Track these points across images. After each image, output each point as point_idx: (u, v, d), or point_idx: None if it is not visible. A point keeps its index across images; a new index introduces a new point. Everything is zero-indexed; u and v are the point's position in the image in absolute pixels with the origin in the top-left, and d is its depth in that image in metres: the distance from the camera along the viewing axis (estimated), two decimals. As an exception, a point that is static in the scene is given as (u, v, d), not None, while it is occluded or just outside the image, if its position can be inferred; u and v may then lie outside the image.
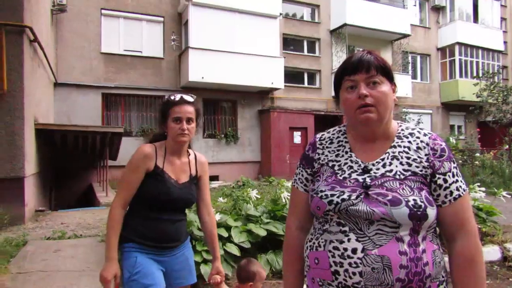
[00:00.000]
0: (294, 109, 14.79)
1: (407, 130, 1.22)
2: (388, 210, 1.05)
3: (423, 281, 1.05)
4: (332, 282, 1.10)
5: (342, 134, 1.28)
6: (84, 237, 5.32)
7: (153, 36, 13.08)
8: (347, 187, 1.13)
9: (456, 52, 19.13)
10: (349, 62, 1.18)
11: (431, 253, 1.09)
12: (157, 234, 1.81)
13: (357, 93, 1.14)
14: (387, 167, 1.14)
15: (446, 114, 19.82)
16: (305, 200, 1.27)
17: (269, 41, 13.74)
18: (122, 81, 12.36)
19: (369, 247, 1.05)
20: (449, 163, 1.15)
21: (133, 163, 1.81)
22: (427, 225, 1.08)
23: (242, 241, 3.68)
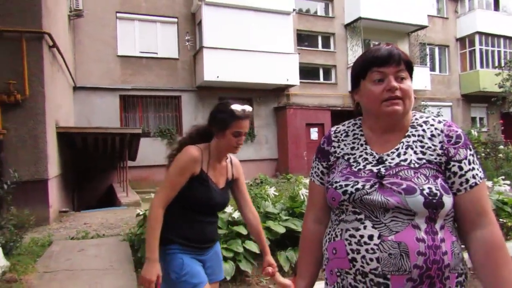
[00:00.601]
0: (310, 105, 14.71)
1: (421, 118, 1.21)
2: (403, 198, 1.04)
3: (442, 270, 1.04)
4: (349, 270, 1.10)
5: (357, 127, 1.29)
6: (107, 237, 5.43)
7: (168, 37, 13.21)
8: (362, 178, 1.13)
9: (476, 42, 18.63)
10: (379, 53, 1.16)
11: (450, 243, 1.07)
12: (199, 235, 1.86)
13: (386, 85, 1.13)
14: (401, 157, 1.14)
15: (467, 106, 19.35)
16: (321, 193, 1.28)
17: (283, 38, 13.69)
18: (139, 82, 12.54)
19: (386, 234, 1.05)
20: (465, 150, 1.12)
21: (181, 165, 1.79)
22: (443, 213, 1.07)
23: (261, 239, 3.68)
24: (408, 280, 1.02)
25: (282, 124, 14.19)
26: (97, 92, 11.94)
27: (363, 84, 1.20)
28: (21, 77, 6.00)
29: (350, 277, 1.10)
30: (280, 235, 3.78)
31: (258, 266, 3.71)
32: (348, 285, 1.11)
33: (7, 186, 3.28)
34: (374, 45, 1.23)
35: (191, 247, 1.83)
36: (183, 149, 1.85)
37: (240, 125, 1.84)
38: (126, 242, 4.99)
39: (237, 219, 3.80)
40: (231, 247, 3.49)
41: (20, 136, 6.09)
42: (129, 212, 7.26)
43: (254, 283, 3.51)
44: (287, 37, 13.87)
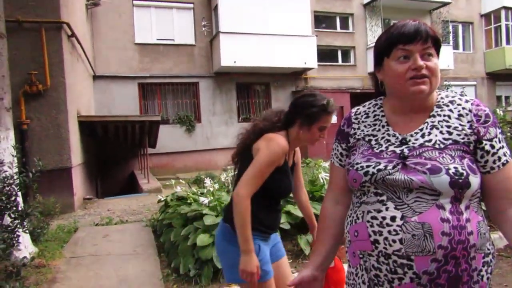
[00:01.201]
0: (328, 88, 14.49)
1: (447, 98, 1.17)
2: (428, 178, 1.01)
3: (468, 250, 1.01)
4: (372, 252, 1.08)
5: (378, 108, 1.25)
6: (130, 222, 5.56)
7: (184, 23, 13.17)
8: (384, 159, 1.10)
9: (502, 17, 17.82)
10: (405, 30, 1.10)
11: (476, 223, 1.04)
12: (275, 222, 1.94)
13: (412, 64, 1.08)
14: (426, 137, 1.10)
15: (492, 85, 18.67)
16: (340, 174, 1.27)
17: (300, 20, 13.43)
18: (157, 70, 12.60)
19: (408, 215, 1.03)
20: (495, 129, 1.11)
21: (273, 156, 1.74)
22: (469, 193, 1.04)
23: (282, 223, 3.68)
24: (432, 261, 1.00)
25: (301, 108, 14.05)
26: (116, 80, 12.08)
27: (387, 62, 1.14)
28: (42, 67, 6.11)
29: (373, 259, 1.08)
30: (300, 219, 3.77)
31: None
32: (371, 267, 1.09)
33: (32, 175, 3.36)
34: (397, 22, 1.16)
35: (267, 233, 1.88)
36: (269, 137, 1.80)
37: (327, 120, 1.86)
38: (149, 228, 5.09)
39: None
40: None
41: (43, 125, 6.23)
42: (150, 199, 7.40)
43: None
44: (304, 19, 13.61)
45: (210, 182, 4.49)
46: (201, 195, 4.38)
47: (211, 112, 13.32)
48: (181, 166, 12.60)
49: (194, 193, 4.64)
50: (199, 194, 4.52)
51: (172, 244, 3.89)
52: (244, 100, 14.08)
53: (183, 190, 4.94)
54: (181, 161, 12.72)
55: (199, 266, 3.40)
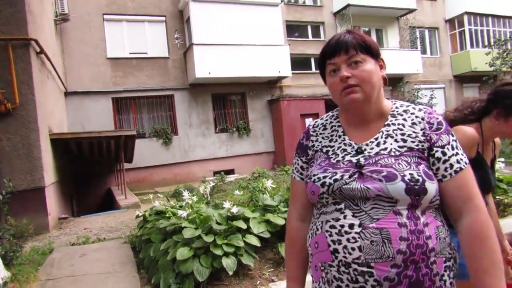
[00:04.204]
0: (303, 95, 14.68)
1: (401, 107, 1.19)
2: (384, 186, 1.01)
3: (427, 254, 1.01)
4: (332, 263, 1.06)
5: (334, 119, 1.27)
6: (108, 240, 5.43)
7: (157, 36, 13.10)
8: (340, 168, 1.10)
9: (465, 22, 18.61)
10: (328, 45, 1.16)
11: (434, 228, 1.04)
12: None
13: (339, 76, 1.12)
14: (381, 146, 1.11)
15: (459, 87, 19.37)
16: (302, 189, 1.24)
17: (272, 30, 13.62)
18: (131, 84, 12.46)
19: (366, 222, 1.02)
20: (447, 136, 1.12)
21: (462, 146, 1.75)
22: (427, 200, 1.04)
23: (261, 232, 3.69)
24: (392, 267, 0.99)
25: (277, 116, 14.18)
26: (89, 96, 11.86)
27: (326, 78, 1.20)
28: (10, 85, 5.95)
29: (334, 269, 1.06)
30: (280, 227, 3.79)
31: (260, 259, 3.73)
32: (333, 278, 1.06)
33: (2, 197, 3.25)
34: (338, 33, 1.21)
35: None
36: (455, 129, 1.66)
37: None
38: (127, 245, 4.99)
39: (236, 214, 3.80)
40: (232, 242, 3.49)
41: (13, 145, 6.05)
42: (128, 215, 7.26)
43: (257, 276, 3.52)
44: (277, 28, 13.80)
45: (188, 195, 4.46)
46: (179, 208, 4.34)
47: (187, 124, 13.25)
48: (159, 179, 12.44)
49: (172, 206, 4.59)
50: (177, 207, 4.48)
51: (151, 260, 3.83)
52: (220, 111, 14.08)
53: (162, 204, 4.88)
54: (159, 175, 12.55)
55: (180, 281, 3.35)
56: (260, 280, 3.47)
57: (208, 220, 3.71)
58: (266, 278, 3.51)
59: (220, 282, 3.42)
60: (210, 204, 4.88)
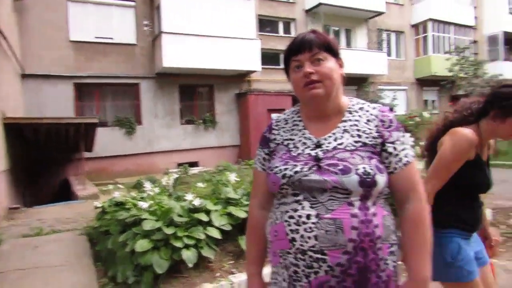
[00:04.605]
0: (271, 91, 14.73)
1: (357, 104, 1.29)
2: (339, 178, 1.11)
3: (374, 241, 1.11)
4: (290, 250, 1.15)
5: (296, 114, 1.35)
6: (63, 232, 5.22)
7: (125, 21, 12.67)
8: (300, 161, 1.18)
9: (429, 28, 19.35)
10: (293, 43, 1.25)
11: (381, 217, 1.15)
12: (475, 220, 1.82)
13: (302, 72, 1.20)
14: (338, 140, 1.20)
15: (420, 90, 20.17)
16: (264, 179, 1.31)
17: (244, 23, 13.53)
18: (95, 69, 11.99)
19: (322, 212, 1.11)
20: (397, 133, 1.23)
21: (458, 150, 1.70)
22: (377, 191, 1.14)
23: (223, 224, 3.67)
24: (344, 253, 1.09)
25: (244, 111, 14.16)
26: (48, 80, 11.29)
27: (289, 74, 1.27)
28: (-41, 64, 5.55)
29: (291, 256, 1.15)
30: (242, 220, 3.78)
31: (220, 251, 3.71)
32: (290, 264, 1.16)
33: None
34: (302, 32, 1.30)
35: (467, 231, 1.79)
36: (453, 131, 1.74)
37: None
38: (84, 236, 4.82)
39: (198, 207, 3.76)
40: (193, 234, 3.45)
41: (-38, 128, 5.66)
42: (86, 206, 7.00)
43: (217, 269, 3.51)
44: (249, 22, 13.73)
45: (150, 186, 4.36)
46: (140, 199, 4.24)
47: (152, 114, 12.95)
48: (121, 170, 12.09)
49: (133, 198, 4.47)
50: (138, 198, 4.37)
51: (109, 252, 3.72)
52: (187, 102, 13.86)
53: (122, 195, 4.74)
54: (121, 165, 12.20)
55: (138, 273, 3.27)
56: (220, 272, 3.45)
57: (170, 212, 3.64)
58: (226, 270, 3.50)
59: (179, 274, 3.37)
60: (172, 196, 4.80)
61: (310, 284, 1.12)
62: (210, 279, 3.32)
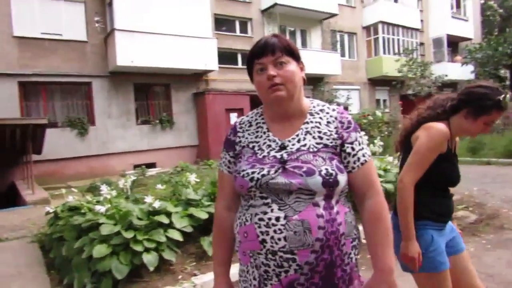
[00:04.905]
0: (229, 90, 14.73)
1: (318, 106, 1.33)
2: (304, 180, 1.16)
3: (338, 238, 1.18)
4: (261, 251, 1.19)
5: (259, 116, 1.37)
6: (11, 240, 4.93)
7: (74, 17, 12.09)
8: (266, 164, 1.22)
9: (380, 30, 20.23)
10: (256, 46, 1.27)
11: (343, 214, 1.21)
12: (448, 210, 1.88)
13: (266, 75, 1.23)
14: (301, 142, 1.25)
15: (372, 89, 21.03)
16: (230, 181, 1.34)
17: (200, 22, 13.41)
18: (42, 67, 11.36)
19: (290, 214, 1.16)
20: (355, 133, 1.29)
21: (435, 143, 1.77)
22: (339, 190, 1.20)
23: (184, 226, 3.64)
24: (312, 252, 1.15)
25: (202, 110, 14.04)
26: (-10, 78, 10.55)
27: (253, 76, 1.29)
28: None
29: (262, 256, 1.19)
30: (203, 221, 3.77)
31: (182, 253, 3.68)
32: (261, 264, 1.20)
33: None
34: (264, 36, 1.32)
35: (441, 222, 1.84)
36: (427, 126, 1.81)
37: (497, 116, 1.83)
38: (35, 244, 4.58)
39: (158, 209, 3.70)
40: (153, 237, 3.39)
41: None
42: (36, 211, 6.65)
43: (178, 271, 3.47)
44: (205, 21, 13.62)
45: (106, 189, 4.22)
46: (96, 203, 4.09)
47: (106, 114, 12.49)
48: (73, 173, 11.55)
49: (88, 202, 4.30)
50: (94, 202, 4.21)
51: (64, 259, 3.56)
52: (143, 102, 13.51)
53: (76, 199, 4.54)
54: (72, 168, 11.66)
55: (96, 280, 3.17)
56: (182, 274, 3.42)
57: (128, 215, 3.55)
58: (188, 272, 3.48)
59: (140, 279, 3.30)
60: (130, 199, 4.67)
61: (281, 282, 1.17)
62: (172, 282, 3.29)
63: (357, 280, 1.27)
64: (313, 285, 1.17)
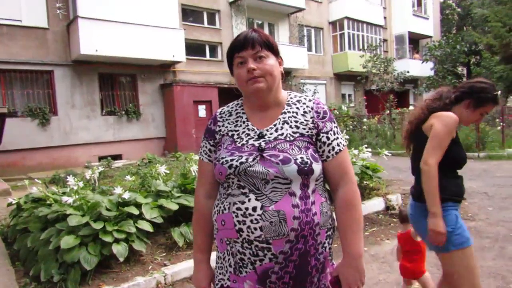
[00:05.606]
0: (197, 82, 14.64)
1: (295, 98, 1.39)
2: (280, 168, 1.20)
3: (313, 228, 1.23)
4: (237, 239, 1.23)
5: (239, 107, 1.41)
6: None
7: (34, 3, 11.56)
8: (245, 152, 1.26)
9: (345, 26, 20.70)
10: (237, 40, 1.31)
11: (319, 204, 1.27)
12: (462, 190, 2.06)
13: (246, 68, 1.28)
14: (279, 131, 1.30)
15: (338, 84, 21.54)
16: (210, 170, 1.37)
17: (167, 12, 13.20)
18: (0, 54, 10.83)
19: (267, 204, 1.20)
20: (330, 123, 1.34)
21: (450, 128, 1.96)
22: (314, 178, 1.26)
23: (154, 217, 3.67)
24: (286, 242, 1.20)
25: (169, 102, 13.89)
26: None
27: (233, 69, 1.34)
28: None
29: (238, 245, 1.24)
30: (173, 212, 3.82)
31: (152, 244, 3.72)
32: (237, 252, 1.25)
33: None
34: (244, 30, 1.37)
35: (458, 202, 2.03)
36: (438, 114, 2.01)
37: (491, 108, 2.11)
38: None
39: (127, 200, 3.71)
40: (123, 228, 3.41)
41: None
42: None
43: (148, 261, 3.51)
44: (172, 11, 13.41)
45: (74, 180, 4.17)
46: (63, 194, 4.04)
47: (69, 104, 12.10)
48: (34, 164, 11.15)
49: (54, 193, 4.24)
50: (60, 194, 4.15)
51: (29, 251, 3.51)
52: (108, 92, 13.18)
53: (40, 190, 4.45)
54: (33, 159, 11.25)
55: (64, 271, 3.16)
56: (152, 265, 3.47)
57: (97, 206, 3.55)
58: (158, 263, 3.52)
59: (109, 269, 3.32)
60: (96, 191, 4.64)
61: (255, 270, 1.22)
62: (143, 272, 3.32)
63: (330, 268, 1.33)
64: (287, 274, 1.22)
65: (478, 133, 10.45)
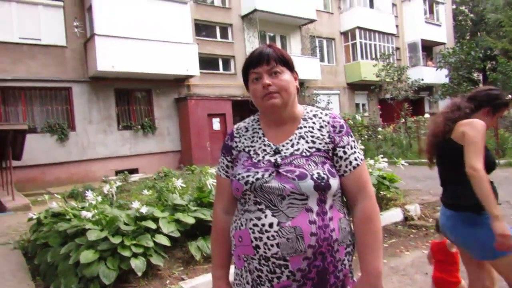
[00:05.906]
0: (211, 95, 14.78)
1: (311, 112, 1.38)
2: (296, 184, 1.19)
3: (331, 245, 1.21)
4: (254, 256, 1.22)
5: (255, 122, 1.41)
6: (-7, 248, 4.84)
7: (53, 22, 11.94)
8: (261, 168, 1.26)
9: (357, 36, 20.68)
10: (252, 56, 1.32)
11: (337, 220, 1.24)
12: (497, 194, 2.04)
13: (261, 83, 1.28)
14: (295, 147, 1.28)
15: (351, 94, 21.44)
16: (228, 185, 1.37)
17: (181, 27, 13.44)
18: (21, 72, 11.17)
19: (283, 220, 1.19)
20: (347, 137, 1.32)
21: (482, 132, 1.99)
22: (331, 194, 1.24)
23: (171, 231, 3.69)
24: (304, 259, 1.18)
25: (184, 115, 14.04)
26: (-35, 84, 10.31)
27: (249, 85, 1.34)
28: None
29: (255, 262, 1.23)
30: (190, 226, 3.84)
31: (169, 258, 3.74)
32: (254, 269, 1.24)
33: None
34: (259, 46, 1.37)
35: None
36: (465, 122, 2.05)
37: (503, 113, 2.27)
38: (18, 251, 4.54)
39: (145, 214, 3.74)
40: (141, 242, 3.43)
41: None
42: (17, 218, 6.55)
43: (166, 276, 3.52)
44: (185, 26, 13.66)
45: (92, 195, 4.24)
46: (82, 209, 4.10)
47: (87, 120, 12.36)
48: (52, 179, 11.37)
49: (73, 208, 4.31)
50: (79, 208, 4.22)
51: (49, 266, 3.56)
52: (124, 107, 13.42)
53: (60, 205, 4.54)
54: (52, 174, 11.48)
55: (83, 285, 3.19)
56: (169, 279, 3.47)
57: (115, 221, 3.59)
58: (176, 277, 3.53)
59: (128, 284, 3.34)
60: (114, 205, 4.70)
61: None
62: (160, 287, 3.33)
63: (350, 286, 1.29)
64: None
65: (497, 139, 10.23)
